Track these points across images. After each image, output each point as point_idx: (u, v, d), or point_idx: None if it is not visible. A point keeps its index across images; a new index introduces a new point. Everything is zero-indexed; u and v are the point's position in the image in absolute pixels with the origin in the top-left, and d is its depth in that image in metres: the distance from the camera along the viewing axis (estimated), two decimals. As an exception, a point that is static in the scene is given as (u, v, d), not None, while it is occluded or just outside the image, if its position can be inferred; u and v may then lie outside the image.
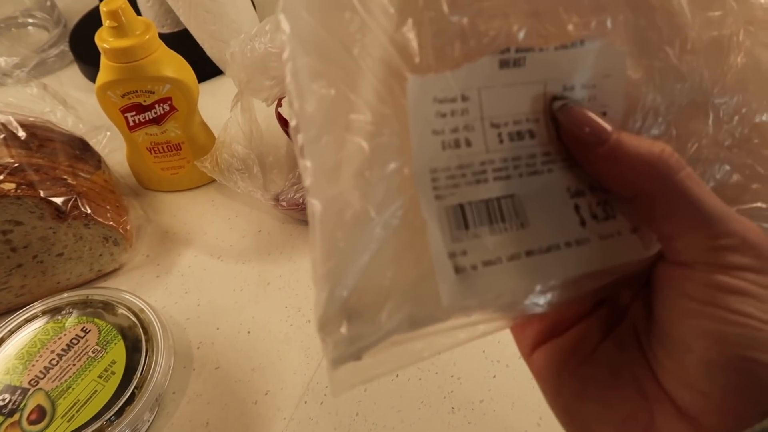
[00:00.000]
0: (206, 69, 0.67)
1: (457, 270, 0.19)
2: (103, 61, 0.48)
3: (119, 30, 0.46)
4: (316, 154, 0.19)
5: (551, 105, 0.21)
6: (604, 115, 0.21)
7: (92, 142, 0.57)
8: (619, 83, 0.21)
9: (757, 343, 0.18)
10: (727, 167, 0.23)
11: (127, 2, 0.46)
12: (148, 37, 0.47)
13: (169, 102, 0.50)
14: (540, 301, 0.21)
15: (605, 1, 0.21)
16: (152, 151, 0.54)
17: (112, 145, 0.59)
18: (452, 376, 0.42)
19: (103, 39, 0.47)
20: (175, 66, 0.50)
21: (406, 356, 0.20)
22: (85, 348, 0.39)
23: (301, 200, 0.50)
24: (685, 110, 0.22)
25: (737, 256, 0.19)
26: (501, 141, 0.20)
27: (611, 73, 0.21)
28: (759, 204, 0.23)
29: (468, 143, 0.20)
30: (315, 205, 0.19)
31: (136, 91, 0.49)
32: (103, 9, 0.46)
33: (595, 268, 0.21)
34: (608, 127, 0.20)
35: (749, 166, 0.23)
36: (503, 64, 0.20)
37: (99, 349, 0.39)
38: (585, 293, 0.22)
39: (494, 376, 0.42)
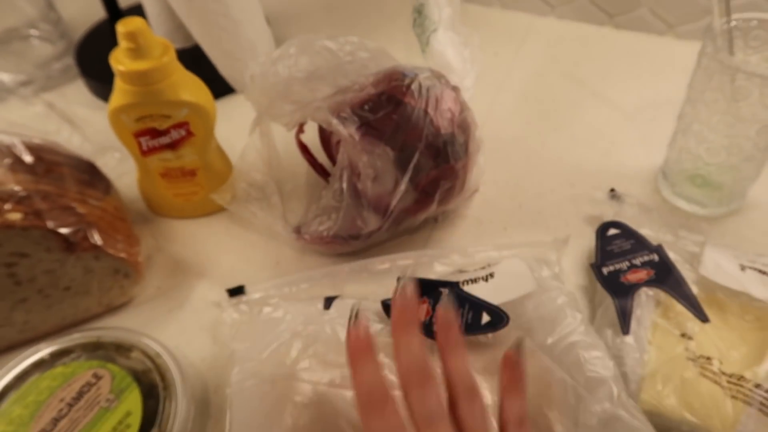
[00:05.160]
0: (218, 87, 0.65)
1: None
2: (118, 83, 0.46)
3: (136, 52, 0.44)
4: None
5: None
6: None
7: (100, 164, 0.54)
8: None
9: None
10: None
11: (145, 23, 0.44)
12: (166, 59, 0.45)
13: (186, 127, 0.48)
14: None
15: None
16: (165, 177, 0.51)
17: (121, 168, 0.56)
18: None
19: (119, 61, 0.44)
20: (193, 90, 0.47)
21: None
22: (98, 397, 0.36)
23: (325, 233, 0.47)
24: None
25: None
26: None
27: None
28: None
29: None
30: None
31: (152, 116, 0.46)
32: (119, 29, 0.43)
33: None
34: None
35: None
36: None
37: (112, 398, 0.36)
38: None
39: None
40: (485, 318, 0.41)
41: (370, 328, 0.31)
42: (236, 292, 0.47)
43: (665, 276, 0.43)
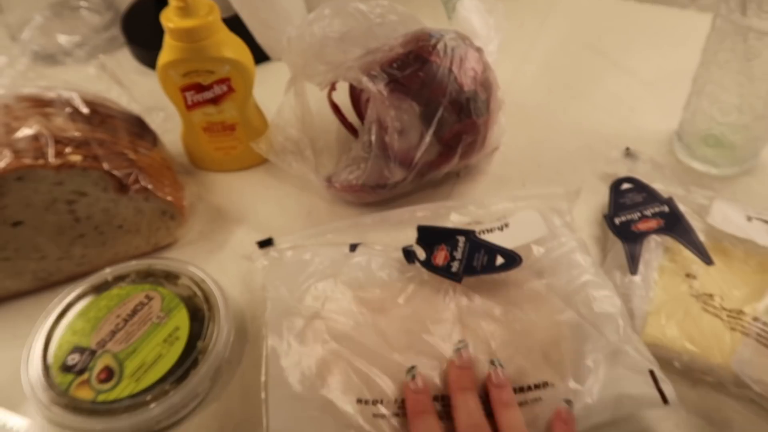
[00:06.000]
0: (254, 55, 0.69)
1: None
2: (167, 40, 0.50)
3: (185, 10, 0.48)
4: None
5: None
6: None
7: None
8: None
9: None
10: None
11: (193, -16, 0.48)
12: (211, 18, 0.49)
13: (227, 83, 0.52)
14: None
15: None
16: (207, 131, 0.55)
17: (165, 126, 0.60)
18: None
19: (169, 18, 0.48)
20: (235, 48, 0.51)
21: None
22: (150, 314, 0.41)
23: (354, 182, 0.51)
24: None
25: None
26: None
27: None
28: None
29: None
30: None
31: (197, 71, 0.50)
32: (170, -10, 0.47)
33: None
34: None
35: None
36: None
37: (163, 315, 0.41)
38: None
39: None
40: (499, 260, 0.44)
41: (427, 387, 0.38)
42: (265, 243, 0.50)
43: (674, 225, 0.46)
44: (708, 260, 0.43)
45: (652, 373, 0.37)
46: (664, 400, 0.36)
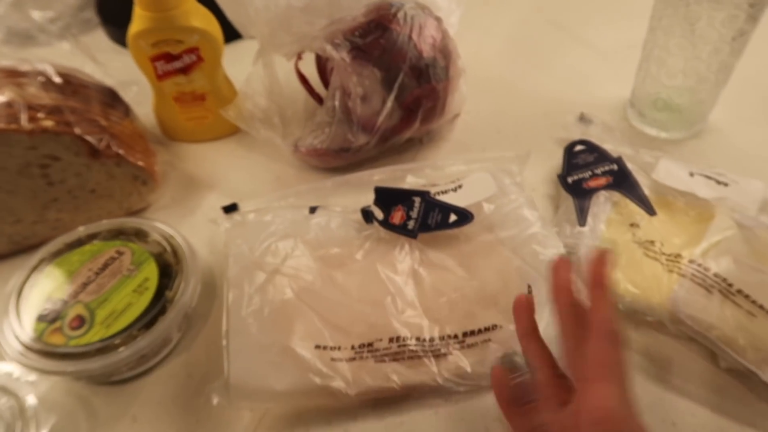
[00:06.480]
0: (227, 33, 0.70)
1: None
2: (137, 10, 0.51)
3: (153, -19, 0.49)
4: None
5: None
6: None
7: (119, 96, 0.60)
8: None
9: None
10: None
11: (160, -45, 0.49)
12: (179, -12, 0.50)
13: (196, 52, 0.53)
14: None
15: None
16: (178, 101, 0.57)
17: (138, 99, 0.62)
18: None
19: (138, -11, 0.50)
20: (203, 18, 0.53)
21: None
22: (120, 267, 0.43)
23: (318, 146, 0.53)
24: None
25: None
26: None
27: None
28: None
29: None
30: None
31: (166, 41, 0.52)
32: (138, -39, 0.49)
33: None
34: None
35: None
36: None
37: (133, 268, 0.42)
38: None
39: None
40: (452, 217, 0.47)
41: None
42: (230, 209, 0.52)
43: (622, 181, 0.48)
44: (651, 211, 0.46)
45: None
46: None
